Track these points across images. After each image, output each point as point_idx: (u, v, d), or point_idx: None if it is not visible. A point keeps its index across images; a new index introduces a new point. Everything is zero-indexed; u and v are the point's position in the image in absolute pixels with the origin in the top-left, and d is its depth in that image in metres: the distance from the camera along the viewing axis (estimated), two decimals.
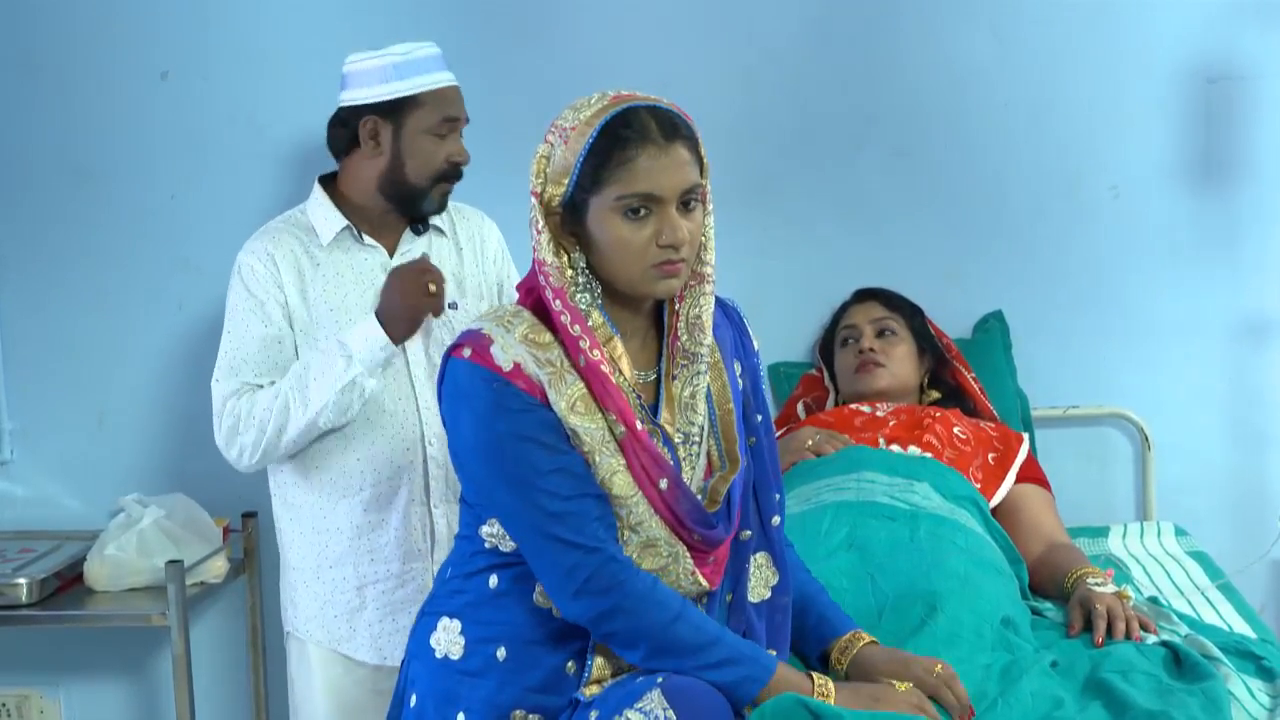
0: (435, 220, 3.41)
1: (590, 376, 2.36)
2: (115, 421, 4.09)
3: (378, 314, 3.22)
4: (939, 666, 2.53)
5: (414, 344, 3.33)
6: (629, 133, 2.32)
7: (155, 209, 4.04)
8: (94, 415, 4.09)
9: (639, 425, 2.37)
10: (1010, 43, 4.05)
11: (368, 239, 3.34)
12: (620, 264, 2.35)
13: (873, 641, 2.60)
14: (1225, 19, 4.03)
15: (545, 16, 4.06)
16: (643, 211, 2.32)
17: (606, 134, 2.32)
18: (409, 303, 3.22)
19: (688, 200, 2.34)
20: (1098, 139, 4.09)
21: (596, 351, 2.36)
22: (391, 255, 3.36)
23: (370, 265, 3.34)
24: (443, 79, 3.30)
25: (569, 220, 2.37)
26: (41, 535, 4.01)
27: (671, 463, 2.41)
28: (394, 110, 3.27)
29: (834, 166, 4.11)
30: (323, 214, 3.36)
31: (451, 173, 3.32)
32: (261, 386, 3.28)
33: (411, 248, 3.38)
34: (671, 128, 2.34)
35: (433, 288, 3.21)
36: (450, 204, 3.46)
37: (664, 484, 2.39)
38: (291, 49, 3.99)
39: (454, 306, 3.36)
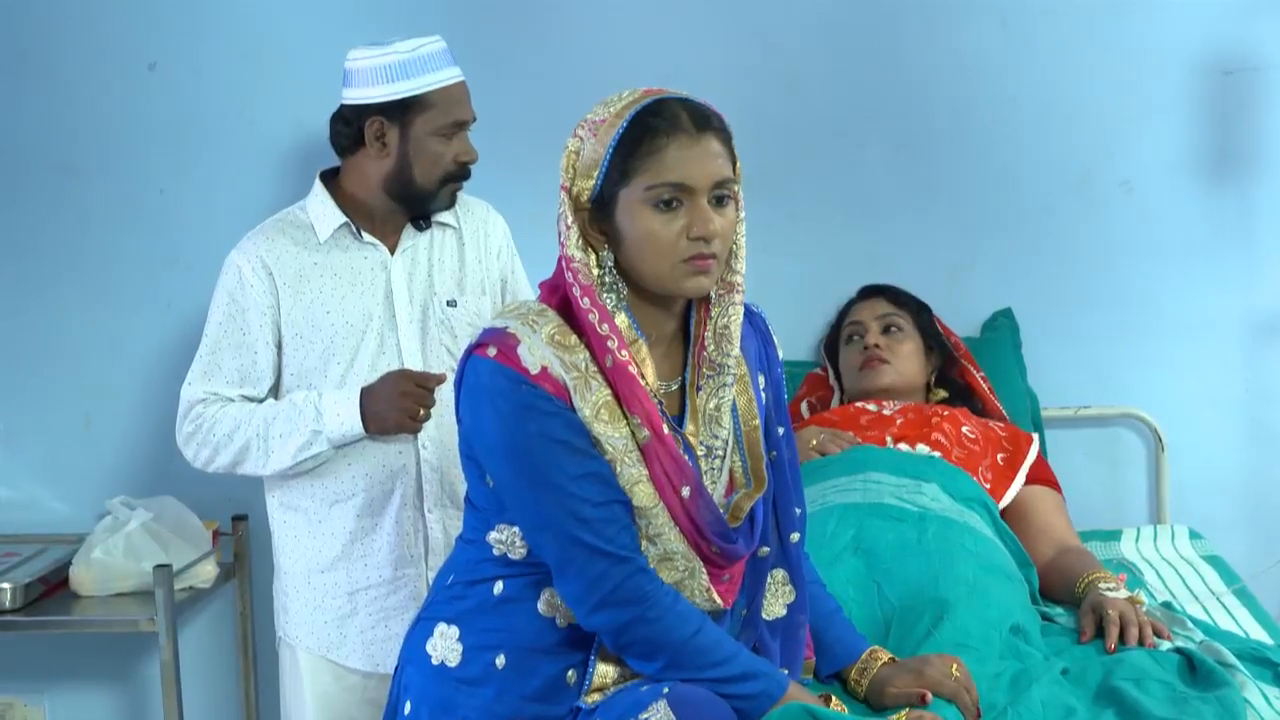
0: (444, 217, 3.37)
1: (617, 378, 2.31)
2: (102, 422, 4.06)
3: (362, 396, 3.17)
4: (955, 667, 2.51)
5: (410, 345, 3.29)
6: (659, 122, 2.30)
7: (144, 205, 4.01)
8: (81, 416, 4.06)
9: (664, 430, 2.34)
10: (1019, 34, 4.02)
11: (367, 236, 3.30)
12: (650, 259, 2.31)
13: (891, 660, 2.58)
14: (1241, 9, 4.00)
15: (547, 11, 4.03)
16: (673, 203, 2.29)
17: (636, 124, 2.30)
18: (395, 418, 3.15)
19: (720, 195, 2.31)
20: (1109, 132, 4.05)
21: (625, 352, 2.32)
22: (393, 252, 3.31)
23: (369, 264, 3.30)
24: (449, 76, 3.23)
25: (598, 216, 2.34)
26: (26, 539, 3.98)
27: (694, 470, 2.37)
28: (400, 111, 3.21)
29: (839, 161, 4.08)
30: (321, 211, 3.31)
31: (459, 173, 3.26)
32: (231, 399, 3.27)
33: (414, 243, 3.33)
34: (703, 119, 2.32)
35: (423, 413, 3.14)
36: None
37: (686, 491, 2.35)
38: (285, 40, 3.97)
39: (453, 304, 3.32)
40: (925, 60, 4.03)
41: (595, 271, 2.34)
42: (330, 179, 3.36)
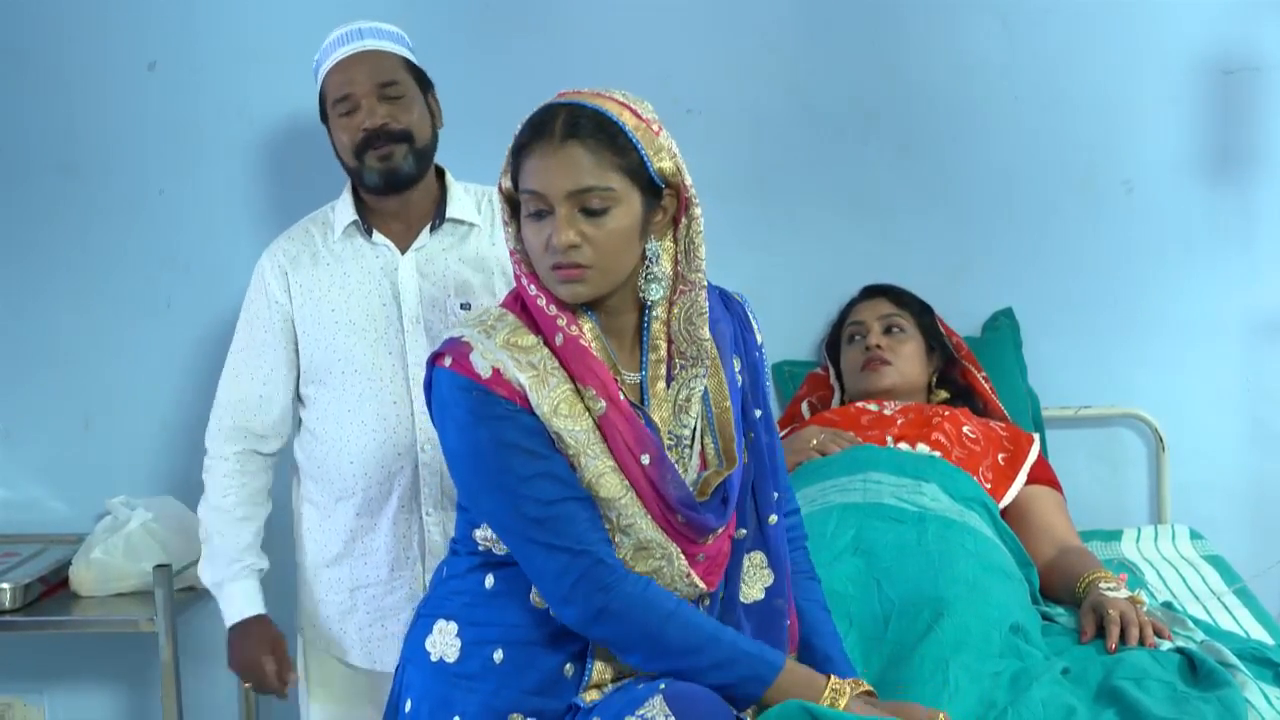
0: (461, 214, 3.32)
1: (568, 354, 2.34)
2: (102, 422, 4.05)
3: (245, 624, 3.36)
4: (941, 717, 2.45)
5: (415, 347, 3.27)
6: (537, 128, 2.33)
7: (143, 204, 3.99)
8: (80, 416, 4.05)
9: (620, 396, 2.35)
10: (1020, 33, 4.01)
11: (378, 236, 3.29)
12: (533, 261, 2.37)
13: (870, 692, 2.50)
14: (1242, 9, 3.99)
15: (547, 10, 4.03)
16: (538, 210, 2.32)
17: (524, 129, 2.35)
18: (239, 662, 3.39)
19: (590, 205, 2.31)
20: (1111, 132, 4.04)
21: (574, 327, 2.36)
22: (404, 253, 3.29)
23: (379, 264, 3.29)
24: (332, 59, 3.25)
25: (516, 214, 2.40)
26: (26, 539, 3.97)
27: (654, 439, 2.38)
28: (322, 108, 3.31)
29: (840, 160, 4.06)
30: (340, 209, 3.33)
31: (370, 141, 3.21)
32: (265, 439, 3.35)
33: (427, 244, 3.31)
34: (580, 126, 2.31)
35: (247, 685, 3.48)
36: (492, 191, 3.39)
37: (646, 459, 2.36)
38: (283, 38, 3.95)
39: (466, 307, 3.30)
40: (926, 60, 4.02)
41: None
42: None
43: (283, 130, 3.93)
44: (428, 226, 3.31)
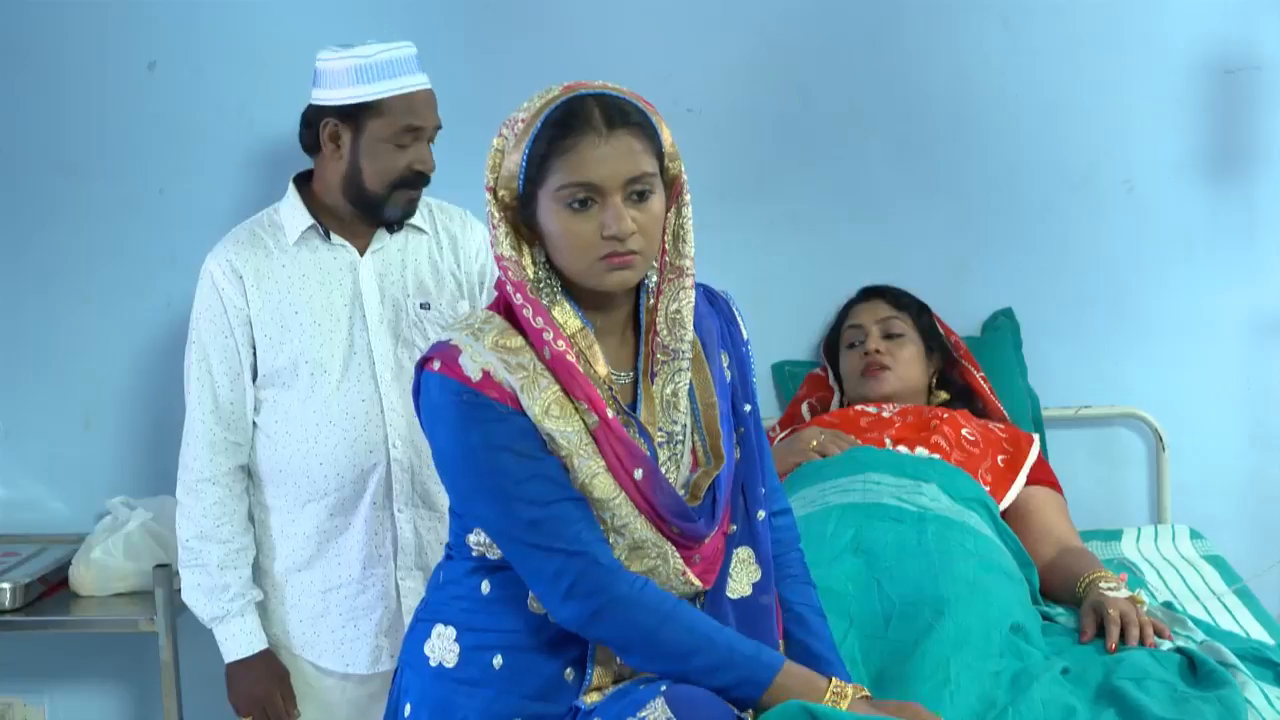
0: (416, 219, 3.37)
1: (557, 368, 2.33)
2: (102, 422, 4.05)
3: (248, 661, 3.35)
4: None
5: (381, 345, 3.30)
6: (570, 121, 2.28)
7: (143, 204, 3.99)
8: (80, 415, 4.04)
9: (610, 414, 2.34)
10: (1021, 32, 4.01)
11: (335, 238, 3.31)
12: (569, 257, 2.32)
13: (868, 696, 2.48)
14: (1243, 8, 3.99)
15: (544, 7, 4.02)
16: (587, 202, 2.29)
17: (550, 124, 2.29)
18: (246, 697, 3.39)
19: (638, 190, 2.30)
20: (1111, 131, 4.04)
21: (561, 343, 2.33)
22: (362, 254, 3.32)
23: (338, 265, 3.31)
24: (409, 84, 3.22)
25: (523, 214, 2.35)
26: (26, 539, 3.97)
27: (648, 453, 2.37)
28: (354, 115, 3.23)
29: (839, 159, 4.06)
30: (291, 213, 3.33)
31: (414, 180, 3.26)
32: (241, 447, 3.31)
33: (384, 245, 3.33)
34: (618, 114, 2.29)
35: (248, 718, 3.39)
36: (433, 201, 3.45)
37: (639, 474, 2.35)
38: (283, 39, 3.95)
39: (426, 307, 3.32)
40: (926, 59, 4.02)
41: (530, 270, 2.35)
42: (304, 181, 3.38)
43: (282, 131, 3.91)
44: (382, 228, 3.33)
